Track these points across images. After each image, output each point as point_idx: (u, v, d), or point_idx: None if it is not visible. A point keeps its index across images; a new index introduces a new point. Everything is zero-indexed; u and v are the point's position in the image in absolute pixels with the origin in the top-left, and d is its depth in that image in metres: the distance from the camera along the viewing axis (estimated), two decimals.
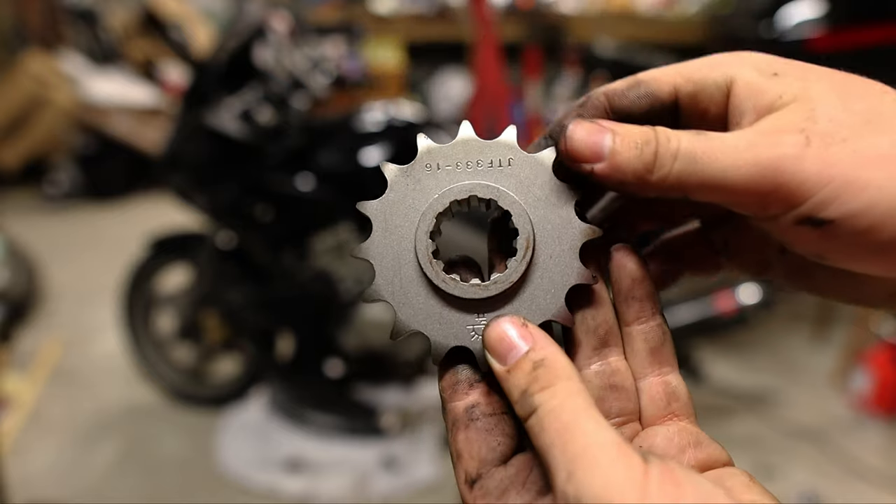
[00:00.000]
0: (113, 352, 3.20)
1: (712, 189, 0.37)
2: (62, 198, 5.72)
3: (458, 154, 0.41)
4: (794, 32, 2.35)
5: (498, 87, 4.35)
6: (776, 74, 0.39)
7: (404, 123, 2.36)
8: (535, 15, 6.79)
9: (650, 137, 0.38)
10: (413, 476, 2.42)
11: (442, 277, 0.40)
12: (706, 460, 0.38)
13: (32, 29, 6.58)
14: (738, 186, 0.36)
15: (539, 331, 0.36)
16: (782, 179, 0.35)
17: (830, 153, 0.34)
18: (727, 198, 0.37)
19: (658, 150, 0.38)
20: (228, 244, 2.60)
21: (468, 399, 0.39)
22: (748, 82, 0.39)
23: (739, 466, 0.39)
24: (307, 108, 2.51)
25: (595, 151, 0.39)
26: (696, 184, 0.37)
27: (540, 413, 0.32)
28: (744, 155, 0.36)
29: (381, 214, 0.41)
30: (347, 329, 2.45)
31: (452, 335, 0.40)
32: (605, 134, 0.39)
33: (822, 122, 0.36)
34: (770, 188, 0.35)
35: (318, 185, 2.32)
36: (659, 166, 0.37)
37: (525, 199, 0.41)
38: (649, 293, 0.42)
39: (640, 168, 0.38)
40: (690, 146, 0.37)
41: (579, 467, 0.29)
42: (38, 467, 2.52)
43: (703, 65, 0.42)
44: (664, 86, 0.42)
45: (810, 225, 0.36)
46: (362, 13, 6.93)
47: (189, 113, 2.46)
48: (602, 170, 0.39)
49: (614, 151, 0.38)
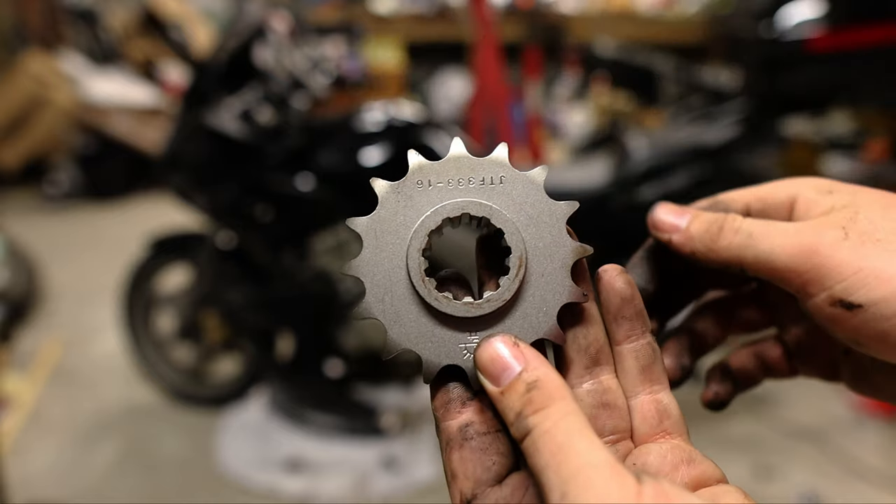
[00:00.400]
0: (113, 352, 3.20)
1: (763, 263, 0.44)
2: (62, 198, 5.72)
3: (450, 171, 0.41)
4: (794, 32, 2.35)
5: (498, 87, 4.35)
6: (831, 192, 0.46)
7: (404, 123, 2.36)
8: (535, 15, 6.79)
9: (719, 218, 0.47)
10: (413, 476, 2.42)
11: (434, 296, 0.39)
12: (699, 477, 0.39)
13: (32, 29, 6.59)
14: (782, 263, 0.43)
15: (531, 350, 0.36)
16: (819, 261, 0.41)
17: (865, 247, 0.40)
18: (774, 273, 0.44)
19: (724, 226, 0.46)
20: (228, 244, 2.60)
21: (461, 418, 0.39)
22: (808, 198, 0.47)
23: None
24: (307, 108, 2.51)
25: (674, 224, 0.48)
26: (751, 258, 0.44)
27: (534, 435, 0.33)
28: (791, 238, 0.43)
29: (372, 231, 0.41)
30: (347, 329, 2.45)
31: (444, 354, 0.39)
32: (685, 214, 0.49)
33: (862, 223, 0.42)
34: (808, 267, 0.42)
35: (318, 185, 2.32)
36: (722, 238, 0.46)
37: (517, 217, 0.41)
38: (639, 312, 0.43)
39: (707, 239, 0.46)
40: (749, 226, 0.45)
41: (573, 488, 0.30)
42: (38, 467, 2.52)
43: (772, 187, 0.50)
44: (738, 204, 0.51)
45: (842, 307, 0.41)
46: (362, 13, 6.93)
47: (189, 113, 2.46)
48: (678, 239, 0.48)
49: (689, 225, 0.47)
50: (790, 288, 0.44)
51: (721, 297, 0.59)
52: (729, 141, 2.31)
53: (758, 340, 0.58)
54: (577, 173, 2.49)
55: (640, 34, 6.86)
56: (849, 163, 4.43)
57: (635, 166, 2.31)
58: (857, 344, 0.42)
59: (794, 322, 0.55)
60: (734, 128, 2.33)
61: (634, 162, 2.31)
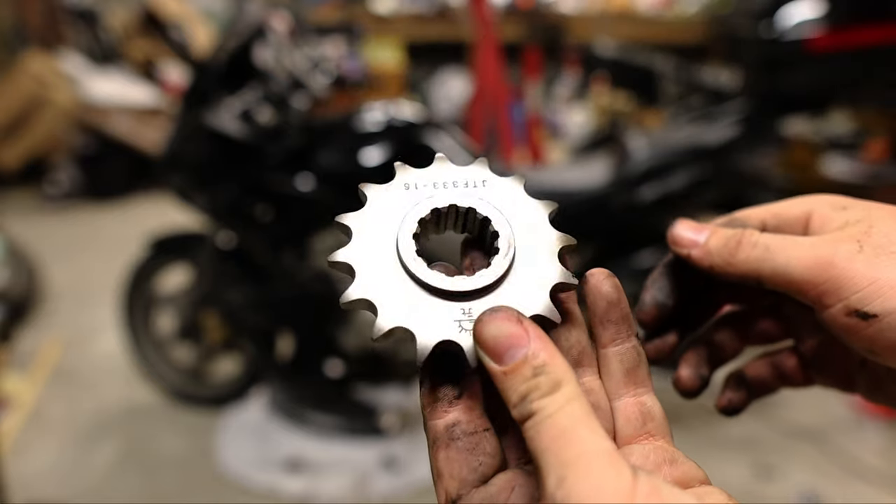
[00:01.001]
0: (113, 352, 3.20)
1: (780, 276, 0.46)
2: (62, 198, 5.72)
3: (435, 176, 0.44)
4: (793, 32, 2.35)
5: (498, 87, 4.35)
6: (845, 208, 0.48)
7: (404, 123, 2.36)
8: (535, 15, 6.79)
9: (737, 233, 0.49)
10: (413, 476, 2.42)
11: (425, 272, 0.39)
12: (682, 478, 0.39)
13: (32, 29, 6.58)
14: (798, 275, 0.45)
15: (535, 327, 0.35)
16: (834, 273, 0.43)
17: (880, 259, 0.42)
18: (791, 286, 0.45)
19: (742, 241, 0.48)
20: (228, 244, 2.60)
21: (448, 417, 0.38)
22: (823, 214, 0.49)
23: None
24: (307, 108, 2.51)
25: (693, 240, 0.50)
26: (768, 271, 0.46)
27: (537, 418, 0.32)
28: (807, 252, 0.45)
29: (360, 223, 0.41)
30: (347, 329, 2.45)
31: (438, 330, 0.38)
32: (704, 230, 0.50)
33: (876, 237, 0.44)
34: (825, 279, 0.43)
35: (318, 185, 2.32)
36: (740, 251, 0.47)
37: (502, 209, 0.43)
38: (625, 315, 0.43)
39: (726, 253, 0.48)
40: (766, 241, 0.47)
41: (571, 473, 0.30)
42: (38, 467, 2.52)
43: (787, 204, 0.52)
44: (754, 220, 0.53)
45: (858, 317, 0.42)
46: (362, 13, 6.93)
47: (189, 113, 2.46)
48: (697, 254, 0.50)
49: (708, 240, 0.49)
50: (806, 299, 0.45)
51: (738, 311, 0.61)
52: (729, 141, 2.31)
53: (774, 351, 0.60)
54: (577, 173, 2.49)
55: (640, 34, 6.86)
56: (849, 163, 4.43)
57: (635, 166, 2.31)
58: (872, 354, 0.44)
59: (810, 334, 0.56)
60: (734, 128, 2.33)
61: (634, 162, 2.31)
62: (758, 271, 0.46)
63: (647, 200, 2.28)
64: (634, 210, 2.30)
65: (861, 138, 4.55)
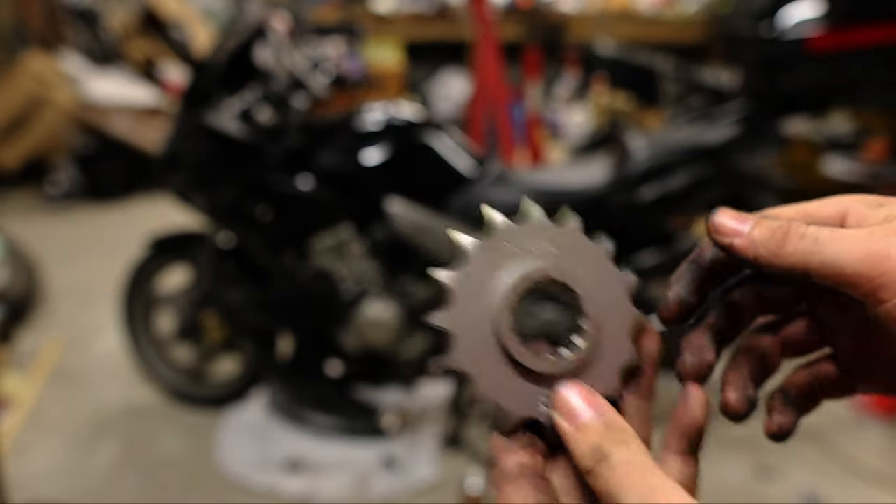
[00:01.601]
0: (113, 352, 3.20)
1: (830, 269, 0.44)
2: (62, 198, 5.72)
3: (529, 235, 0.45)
4: (793, 32, 2.35)
5: (498, 87, 4.35)
6: (881, 205, 0.47)
7: (404, 123, 2.36)
8: (535, 15, 6.79)
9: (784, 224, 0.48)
10: (413, 476, 2.42)
11: (519, 349, 0.42)
12: None
13: (32, 29, 6.58)
14: (850, 268, 0.43)
15: (605, 401, 0.40)
16: (891, 265, 0.42)
17: None
18: (842, 279, 0.44)
19: (790, 231, 0.46)
20: (228, 244, 2.60)
21: (517, 457, 0.42)
22: (859, 211, 0.48)
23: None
24: (307, 108, 2.51)
25: (736, 229, 0.48)
26: (817, 263, 0.44)
27: (612, 461, 0.36)
28: (859, 243, 0.43)
29: (461, 285, 0.43)
30: (347, 329, 2.45)
31: (524, 405, 0.42)
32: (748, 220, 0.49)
33: None
34: (881, 272, 0.42)
35: (318, 185, 2.32)
36: (788, 243, 0.46)
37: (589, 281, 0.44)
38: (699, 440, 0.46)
39: (773, 244, 0.46)
40: (815, 232, 0.45)
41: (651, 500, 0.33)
42: (38, 467, 2.52)
43: (819, 204, 0.50)
44: None
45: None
46: (362, 13, 6.93)
47: (189, 113, 2.46)
48: (740, 243, 0.47)
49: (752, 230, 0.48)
50: (858, 293, 0.44)
51: (771, 322, 0.59)
52: (729, 141, 2.31)
53: (812, 362, 0.58)
54: (577, 173, 2.49)
55: (640, 34, 6.86)
56: (849, 163, 4.43)
57: (635, 166, 2.31)
58: None
59: (850, 339, 0.55)
60: (734, 128, 2.33)
61: (634, 162, 2.31)
62: (806, 263, 0.45)
63: (647, 200, 2.28)
64: (634, 210, 2.30)
65: (861, 138, 4.55)
